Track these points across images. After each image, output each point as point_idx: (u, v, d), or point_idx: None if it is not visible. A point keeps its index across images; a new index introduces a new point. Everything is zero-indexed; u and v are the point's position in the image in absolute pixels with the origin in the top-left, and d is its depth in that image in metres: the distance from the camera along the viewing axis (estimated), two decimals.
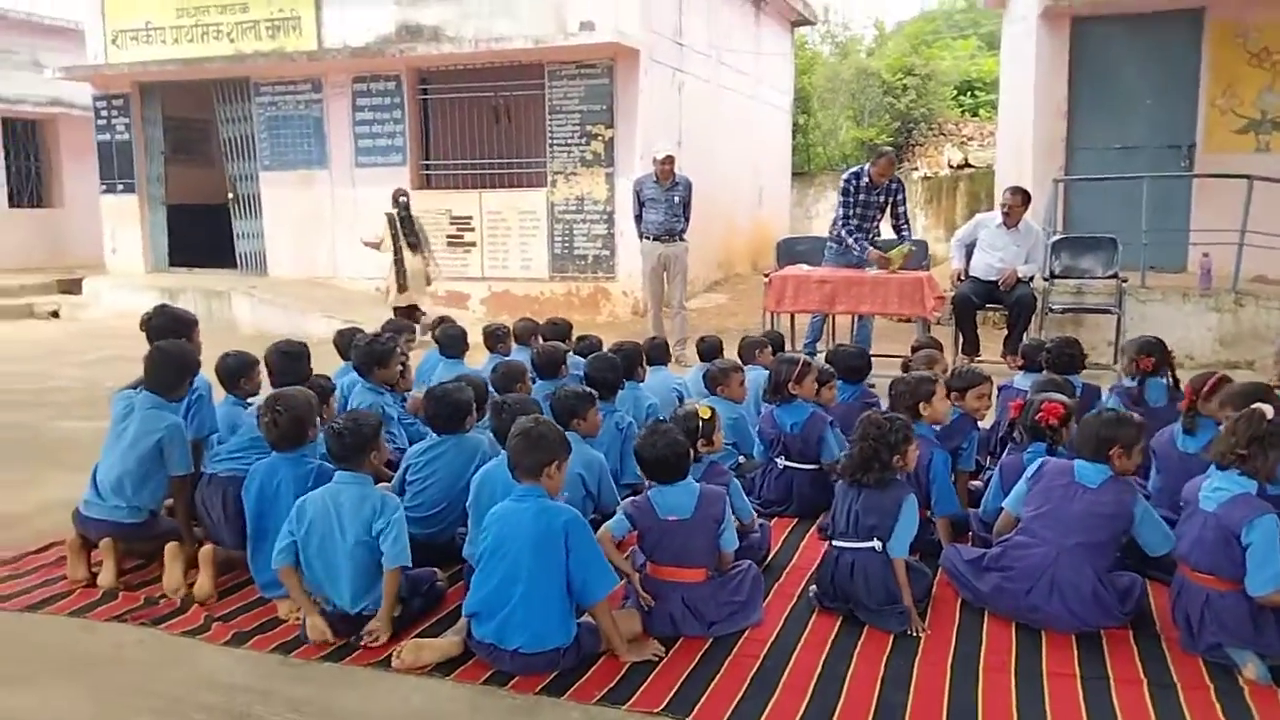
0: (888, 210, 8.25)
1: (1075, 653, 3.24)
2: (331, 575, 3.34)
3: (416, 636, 3.33)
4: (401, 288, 9.53)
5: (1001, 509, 3.72)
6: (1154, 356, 4.74)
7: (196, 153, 15.21)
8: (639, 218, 8.88)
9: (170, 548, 3.85)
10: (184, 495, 4.02)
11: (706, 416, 3.85)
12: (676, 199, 8.72)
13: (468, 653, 3.21)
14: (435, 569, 3.69)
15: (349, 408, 4.66)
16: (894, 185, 8.21)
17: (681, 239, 8.83)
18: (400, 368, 5.21)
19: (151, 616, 3.58)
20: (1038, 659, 3.21)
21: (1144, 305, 8.34)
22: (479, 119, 12.02)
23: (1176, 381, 4.72)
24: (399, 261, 9.51)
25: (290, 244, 13.03)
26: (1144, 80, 9.76)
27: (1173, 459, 3.97)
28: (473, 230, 12.07)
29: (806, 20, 18.00)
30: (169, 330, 4.43)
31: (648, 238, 8.82)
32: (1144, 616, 3.44)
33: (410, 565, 3.41)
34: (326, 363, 5.28)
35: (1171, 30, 9.60)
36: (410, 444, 4.56)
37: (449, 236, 12.15)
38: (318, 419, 3.82)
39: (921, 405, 4.13)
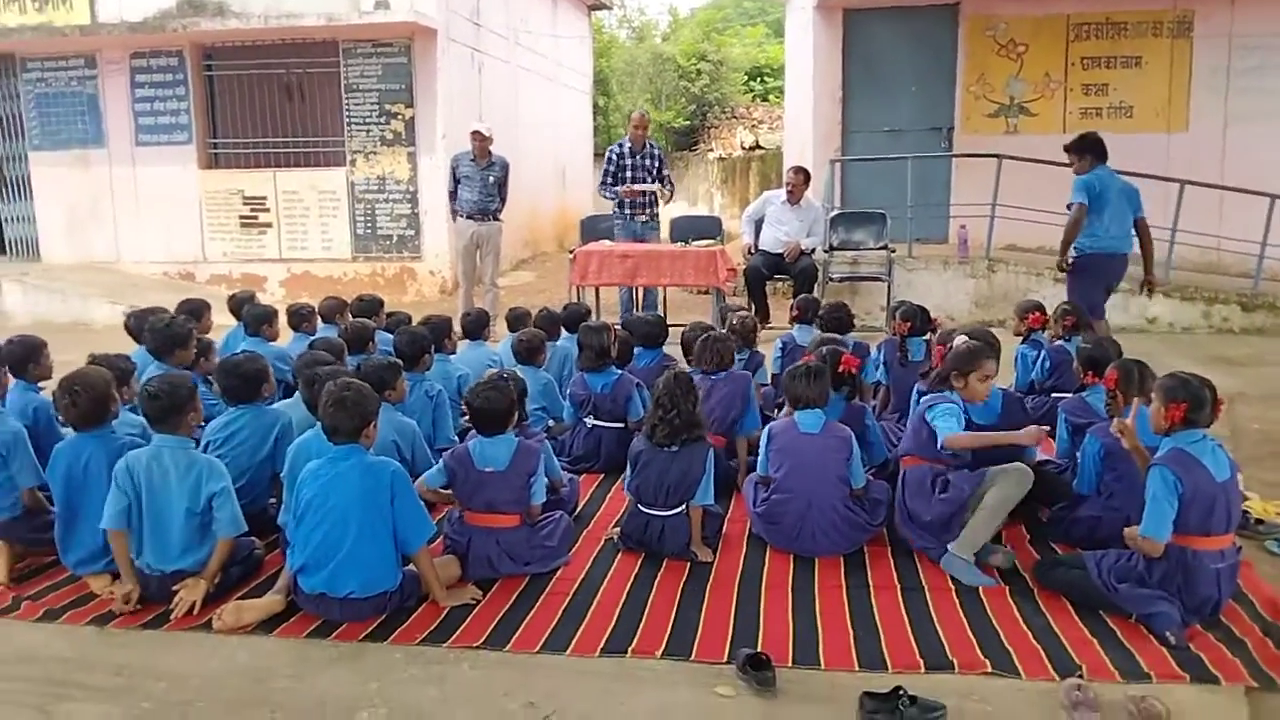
0: (656, 173, 8.74)
1: (842, 568, 3.73)
2: (158, 535, 3.38)
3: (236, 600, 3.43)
4: None
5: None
6: (911, 322, 5.42)
7: None
8: (454, 194, 8.90)
9: None
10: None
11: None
12: (492, 179, 8.77)
13: (289, 610, 3.34)
14: (254, 538, 3.76)
15: None
16: (656, 150, 8.77)
17: (496, 218, 8.91)
18: (197, 348, 5.15)
19: None
20: (810, 576, 3.67)
21: (911, 273, 9.21)
22: (269, 96, 11.66)
23: None
24: None
25: (66, 227, 12.22)
26: (909, 68, 10.66)
27: None
28: (268, 211, 11.73)
29: (603, 4, 18.39)
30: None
31: (462, 215, 8.82)
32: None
33: (247, 531, 3.50)
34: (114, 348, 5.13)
35: (931, 23, 10.52)
36: None
37: (242, 218, 11.77)
38: (118, 396, 3.80)
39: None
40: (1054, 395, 5.34)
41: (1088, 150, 6.62)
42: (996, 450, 3.77)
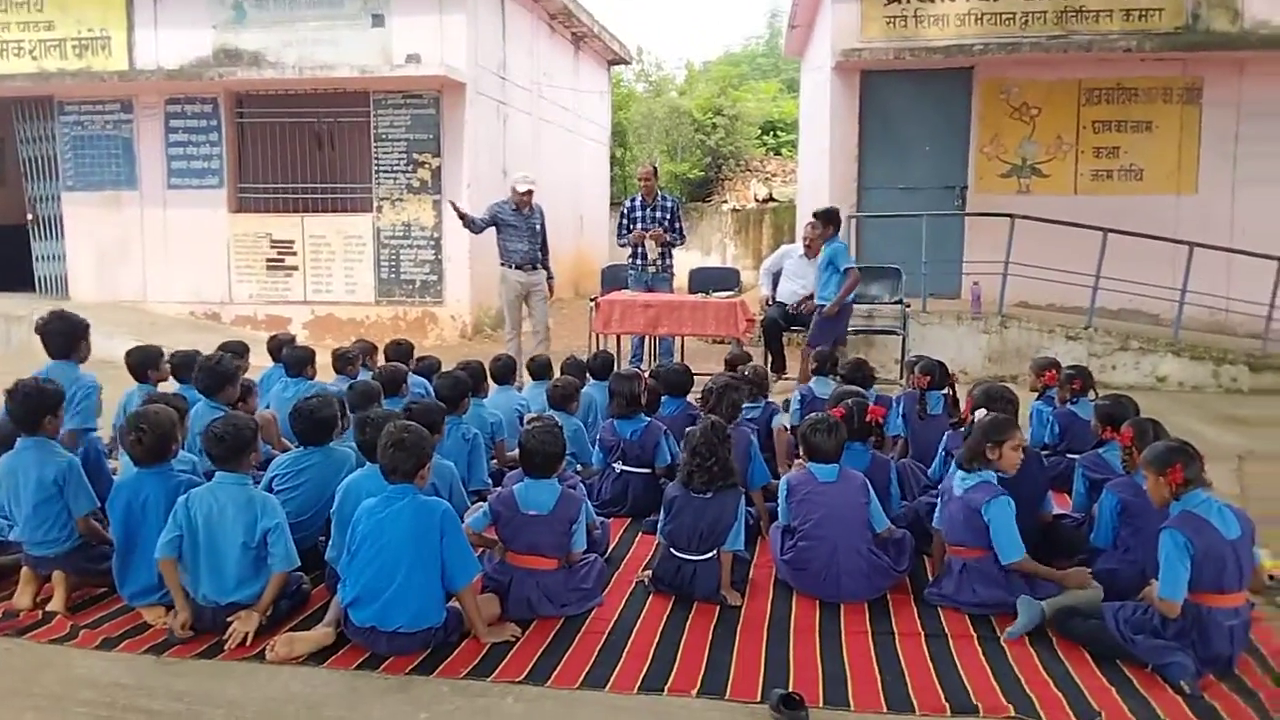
0: (668, 225, 8.97)
1: (867, 614, 3.87)
2: (215, 568, 3.55)
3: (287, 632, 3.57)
4: None
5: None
6: (930, 376, 5.59)
7: None
8: (481, 225, 8.85)
9: (25, 570, 3.91)
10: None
11: None
12: (537, 226, 8.86)
13: (339, 643, 3.49)
14: (301, 573, 3.91)
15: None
16: (669, 203, 9.00)
17: (540, 268, 8.94)
18: (243, 388, 5.33)
19: (15, 628, 3.65)
20: (837, 621, 3.81)
21: (924, 327, 9.41)
22: (300, 144, 12.01)
23: (956, 396, 5.56)
24: None
25: (95, 266, 12.54)
26: (924, 128, 10.94)
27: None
28: (294, 254, 12.01)
29: (622, 59, 18.84)
30: (66, 334, 4.89)
31: (510, 265, 8.79)
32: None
33: (300, 566, 3.66)
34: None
35: (947, 85, 10.82)
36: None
37: (269, 260, 12.06)
38: (179, 435, 3.99)
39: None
40: (1068, 455, 5.50)
41: (832, 222, 8.06)
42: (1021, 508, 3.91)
